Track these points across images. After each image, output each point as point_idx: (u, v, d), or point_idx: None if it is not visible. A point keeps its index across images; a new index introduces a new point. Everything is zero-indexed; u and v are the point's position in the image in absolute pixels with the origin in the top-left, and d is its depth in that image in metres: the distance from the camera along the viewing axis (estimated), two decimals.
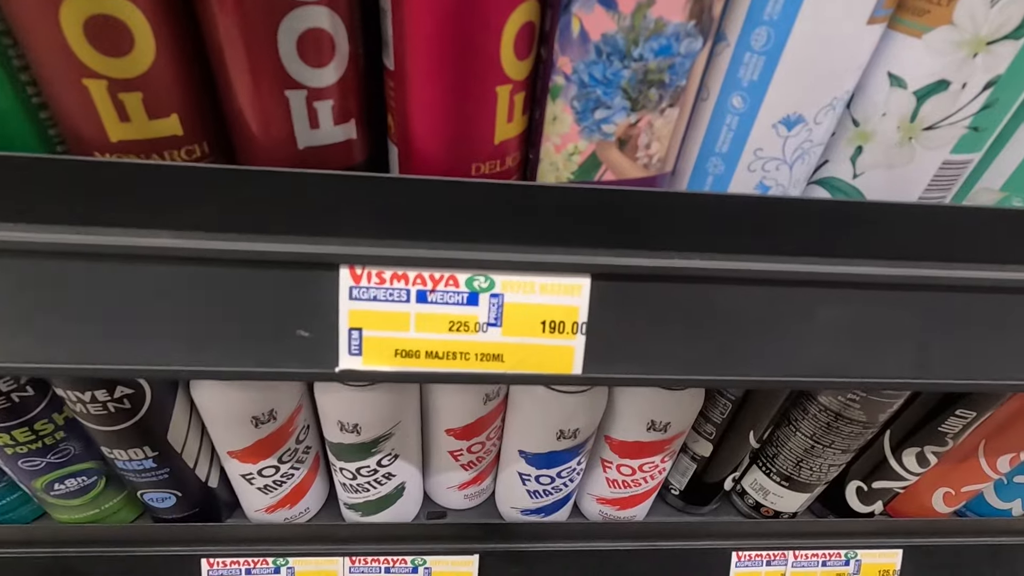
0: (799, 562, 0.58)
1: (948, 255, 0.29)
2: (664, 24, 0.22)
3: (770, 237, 0.28)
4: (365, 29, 0.25)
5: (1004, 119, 0.26)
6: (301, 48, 0.23)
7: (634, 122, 0.25)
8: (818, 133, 0.27)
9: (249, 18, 0.22)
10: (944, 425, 0.46)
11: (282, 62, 0.23)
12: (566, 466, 0.46)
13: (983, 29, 0.23)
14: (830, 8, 0.23)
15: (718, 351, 0.31)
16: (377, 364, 0.29)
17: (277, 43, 0.22)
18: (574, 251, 0.29)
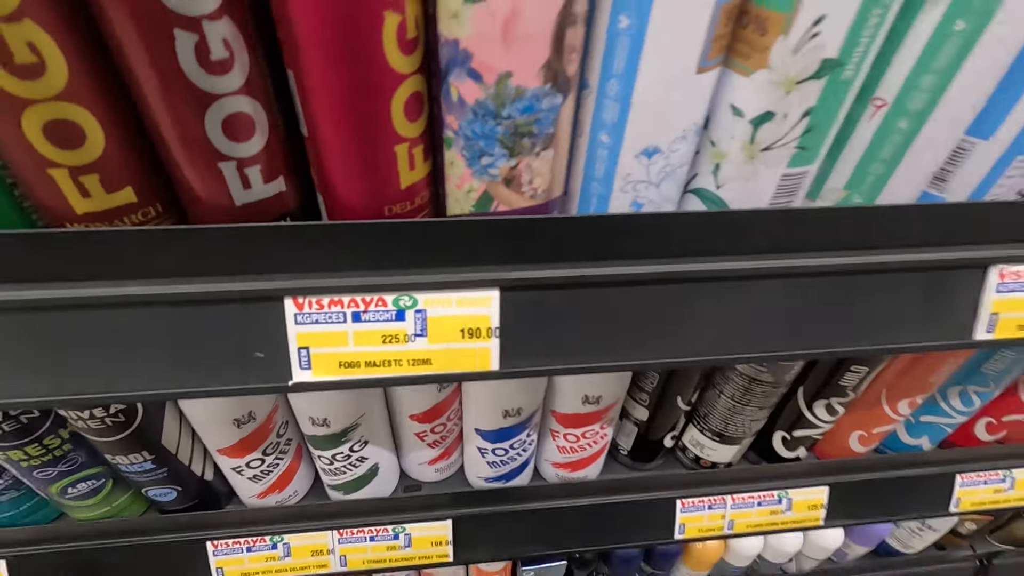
0: (737, 504, 0.65)
1: (798, 247, 0.35)
2: (523, 90, 0.27)
3: (641, 244, 0.33)
4: (282, 105, 0.30)
5: (827, 138, 0.32)
6: (226, 129, 0.27)
7: (514, 165, 0.30)
8: (675, 158, 0.32)
9: (180, 111, 0.26)
10: (843, 380, 0.52)
11: (212, 143, 0.27)
12: (516, 439, 0.53)
13: (791, 71, 0.28)
14: (662, 65, 0.28)
15: (613, 341, 0.36)
16: (325, 375, 0.35)
17: (205, 128, 0.27)
18: (482, 269, 0.34)
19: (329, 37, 0.24)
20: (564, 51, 0.27)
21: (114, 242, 0.29)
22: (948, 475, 0.67)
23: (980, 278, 0.39)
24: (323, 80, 0.26)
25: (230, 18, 0.25)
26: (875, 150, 0.33)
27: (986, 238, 0.38)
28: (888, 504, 0.70)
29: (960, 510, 0.70)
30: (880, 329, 0.39)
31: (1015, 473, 0.68)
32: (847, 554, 0.98)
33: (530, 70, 0.26)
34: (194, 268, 0.31)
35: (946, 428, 0.62)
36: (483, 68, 0.26)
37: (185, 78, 0.25)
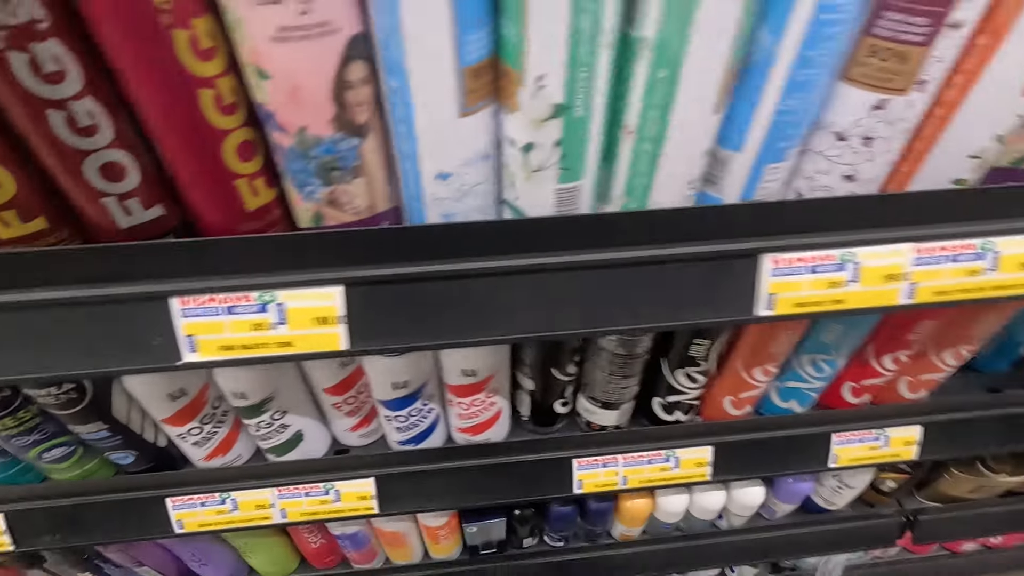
0: (628, 462, 0.74)
1: (582, 245, 0.43)
2: (320, 138, 0.35)
3: (450, 247, 0.41)
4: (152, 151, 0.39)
5: (584, 160, 0.39)
6: (103, 173, 0.36)
7: (331, 190, 0.38)
8: (469, 179, 0.40)
9: (64, 163, 0.35)
10: (691, 352, 0.60)
11: (92, 185, 0.36)
12: (412, 407, 0.62)
13: (533, 114, 0.36)
14: (428, 114, 0.36)
15: (438, 323, 0.45)
16: (210, 356, 0.44)
17: (84, 175, 0.36)
18: (329, 270, 0.43)
19: (162, 110, 0.33)
20: (348, 107, 0.35)
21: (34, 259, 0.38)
22: (824, 435, 0.75)
23: (755, 265, 0.46)
24: (165, 138, 0.34)
25: (93, 96, 0.33)
26: (634, 165, 0.41)
27: (761, 231, 0.45)
28: (770, 461, 0.78)
29: (839, 466, 0.78)
30: (673, 308, 0.47)
31: (888, 432, 0.76)
32: (775, 511, 1.06)
33: (320, 123, 0.35)
34: (99, 276, 0.40)
35: (810, 392, 0.70)
36: (285, 124, 0.35)
37: (61, 141, 0.34)
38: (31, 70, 0.31)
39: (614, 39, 0.34)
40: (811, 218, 0.45)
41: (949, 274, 0.47)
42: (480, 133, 0.38)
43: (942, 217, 0.46)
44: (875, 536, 1.11)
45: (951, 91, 0.40)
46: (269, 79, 0.32)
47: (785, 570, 1.38)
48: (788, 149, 0.41)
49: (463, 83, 0.34)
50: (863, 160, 0.42)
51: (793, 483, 0.99)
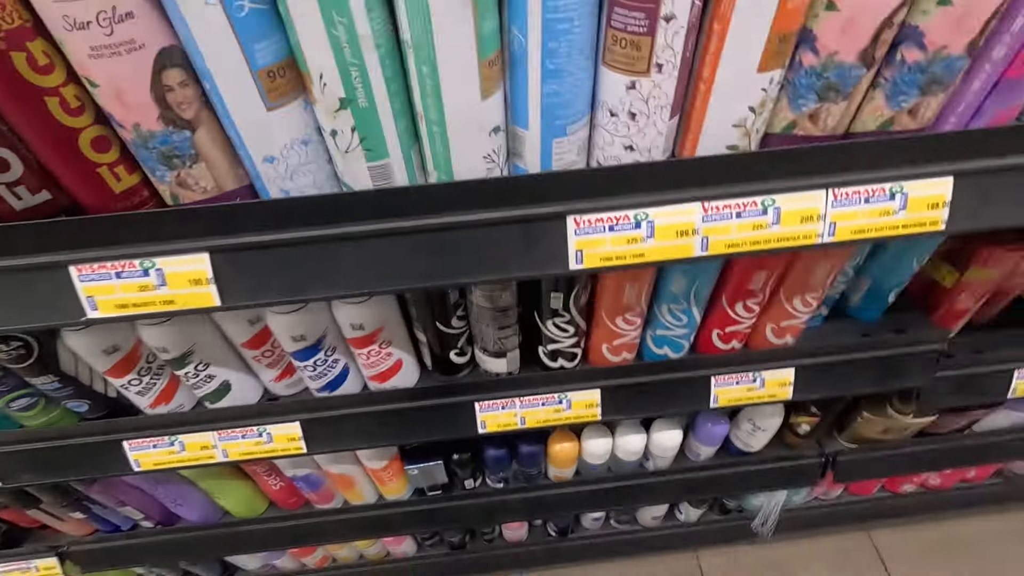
0: (524, 405, 0.83)
1: (396, 214, 0.50)
2: (153, 132, 0.44)
3: (290, 218, 0.50)
4: None
5: (384, 142, 0.47)
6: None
7: (176, 174, 0.47)
8: (293, 162, 0.48)
9: None
10: (552, 303, 0.68)
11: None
12: (317, 358, 0.72)
13: (327, 105, 0.44)
14: (238, 110, 0.43)
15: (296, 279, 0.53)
16: (109, 313, 0.53)
17: None
18: (196, 240, 0.51)
19: (20, 116, 0.42)
20: (172, 106, 0.43)
21: None
22: (704, 378, 0.83)
23: (562, 225, 0.53)
24: (30, 139, 0.43)
25: None
26: (432, 144, 0.48)
27: (564, 196, 0.52)
28: (655, 402, 0.86)
29: (720, 405, 0.85)
30: (497, 265, 0.55)
31: (764, 374, 0.83)
32: (699, 454, 1.15)
33: (150, 120, 0.43)
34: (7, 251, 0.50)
35: (678, 340, 0.77)
36: (122, 121, 0.43)
37: None
38: None
39: (381, 42, 0.41)
40: (606, 183, 0.52)
41: (737, 229, 0.53)
42: (292, 123, 0.46)
43: (724, 179, 0.52)
44: (797, 476, 1.19)
45: (705, 70, 0.46)
46: (98, 87, 0.41)
47: (731, 511, 1.47)
48: (567, 125, 0.48)
49: (260, 84, 0.42)
50: (635, 132, 0.48)
51: (711, 426, 1.07)
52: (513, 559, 1.52)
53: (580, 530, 1.50)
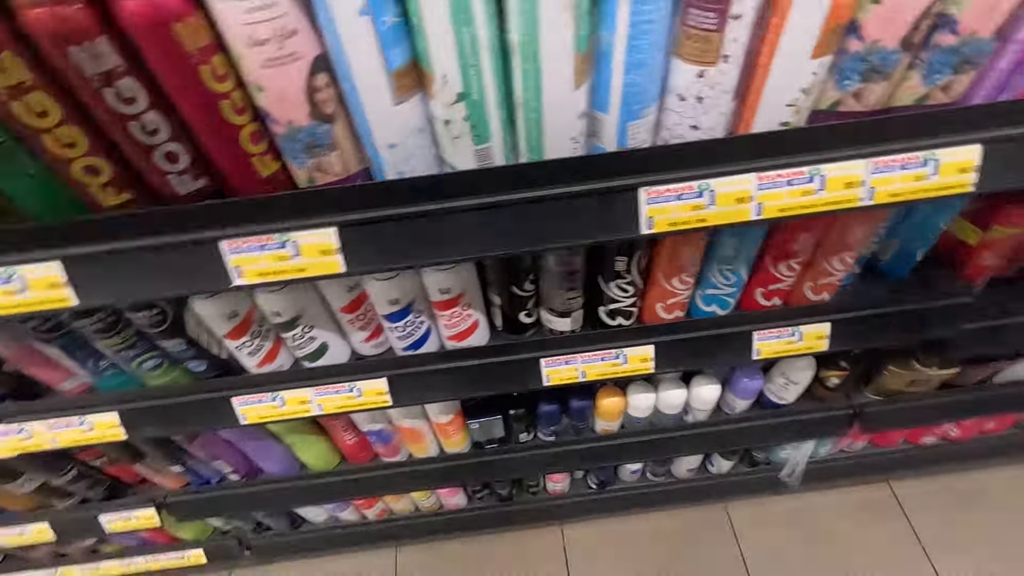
0: (586, 359, 0.92)
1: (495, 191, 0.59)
2: (302, 127, 0.52)
3: (407, 196, 0.59)
4: None
5: (489, 128, 0.55)
6: (167, 159, 0.55)
7: (315, 161, 0.56)
8: (411, 146, 0.57)
9: (141, 155, 0.54)
10: (616, 266, 0.77)
11: (160, 167, 0.55)
12: (407, 319, 0.81)
13: (445, 99, 0.52)
14: (371, 103, 0.52)
15: (408, 249, 0.63)
16: (251, 280, 0.63)
17: (154, 161, 0.54)
18: (327, 216, 0.60)
19: (198, 116, 0.51)
20: (318, 104, 0.52)
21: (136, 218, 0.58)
22: (747, 332, 0.91)
23: (635, 196, 0.61)
24: (202, 134, 0.53)
25: (155, 110, 0.51)
26: (527, 128, 0.56)
27: (638, 170, 0.61)
28: (703, 355, 0.95)
29: (761, 358, 0.94)
30: (579, 232, 0.63)
31: (802, 328, 0.91)
32: (734, 407, 1.24)
33: (301, 117, 0.52)
34: (172, 229, 0.60)
35: (726, 298, 0.86)
36: (278, 119, 0.52)
37: (138, 140, 0.52)
38: (116, 98, 0.49)
39: (493, 44, 0.49)
40: (674, 158, 0.60)
41: (787, 195, 0.61)
42: (413, 114, 0.55)
43: (776, 151, 0.60)
44: (826, 426, 1.28)
45: (763, 57, 0.54)
46: (264, 91, 0.50)
47: (760, 463, 1.57)
48: (641, 110, 0.56)
49: (392, 82, 0.51)
50: (700, 113, 0.56)
51: (747, 380, 1.16)
52: (556, 510, 1.64)
53: (618, 483, 1.61)
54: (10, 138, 0.52)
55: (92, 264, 0.61)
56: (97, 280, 0.63)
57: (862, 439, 1.52)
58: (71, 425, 0.91)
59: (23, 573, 1.48)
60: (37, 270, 0.61)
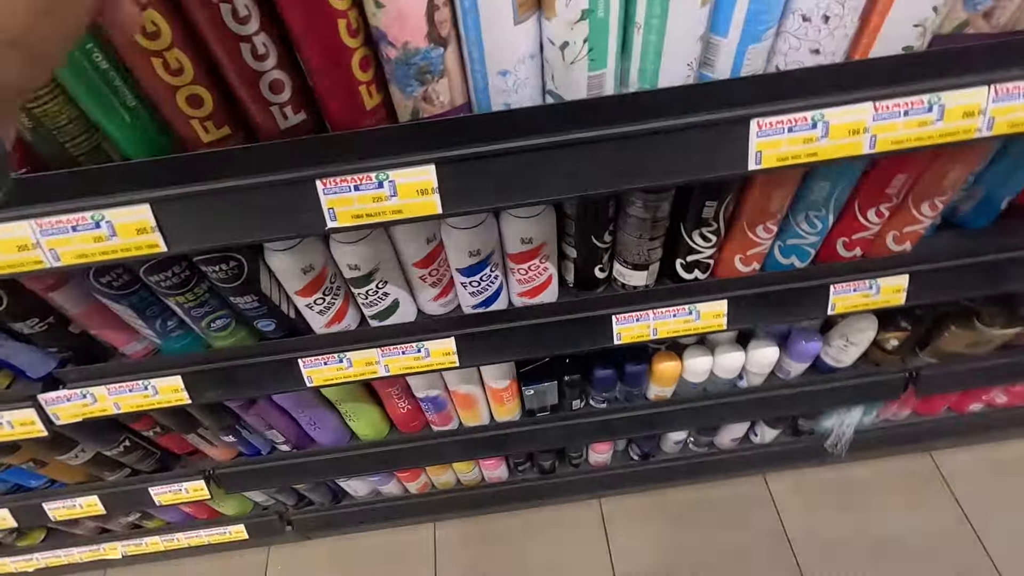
0: (657, 316, 0.90)
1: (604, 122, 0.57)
2: (418, 49, 0.50)
3: (509, 129, 0.56)
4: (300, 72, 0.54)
5: (607, 52, 0.53)
6: (272, 89, 0.52)
7: (425, 90, 0.54)
8: (521, 75, 0.54)
9: (247, 83, 0.51)
10: (703, 214, 0.75)
11: (265, 97, 0.53)
12: (483, 273, 0.79)
13: (567, 17, 0.50)
14: (491, 25, 0.50)
15: (507, 190, 0.60)
16: (345, 223, 0.61)
17: (260, 90, 0.52)
18: (425, 153, 0.58)
19: (313, 37, 0.48)
20: (436, 24, 0.49)
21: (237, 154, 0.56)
22: (824, 286, 0.89)
23: (745, 128, 0.59)
24: (313, 58, 0.50)
25: (265, 32, 0.49)
26: (644, 54, 0.54)
27: (749, 101, 0.58)
28: (778, 311, 0.93)
29: (837, 312, 0.92)
30: (684, 168, 0.61)
31: (880, 281, 0.89)
32: (789, 371, 1.23)
33: (419, 38, 0.49)
34: (263, 167, 0.57)
35: (807, 248, 0.84)
36: (394, 39, 0.49)
37: (247, 66, 0.50)
38: (231, 15, 0.47)
39: None
40: (788, 87, 0.58)
41: (903, 126, 0.59)
42: (528, 38, 0.52)
43: (896, 79, 0.57)
44: (881, 391, 1.26)
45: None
46: (383, 8, 0.47)
47: (804, 432, 1.55)
48: (764, 32, 0.54)
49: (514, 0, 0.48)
50: (824, 36, 0.54)
51: (804, 343, 1.14)
52: (597, 482, 1.63)
53: (660, 454, 1.60)
54: (114, 66, 0.50)
55: (182, 206, 0.59)
56: (187, 224, 0.61)
57: (907, 408, 1.51)
58: (135, 390, 0.89)
59: (69, 550, 1.47)
60: (126, 214, 0.59)
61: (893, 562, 1.52)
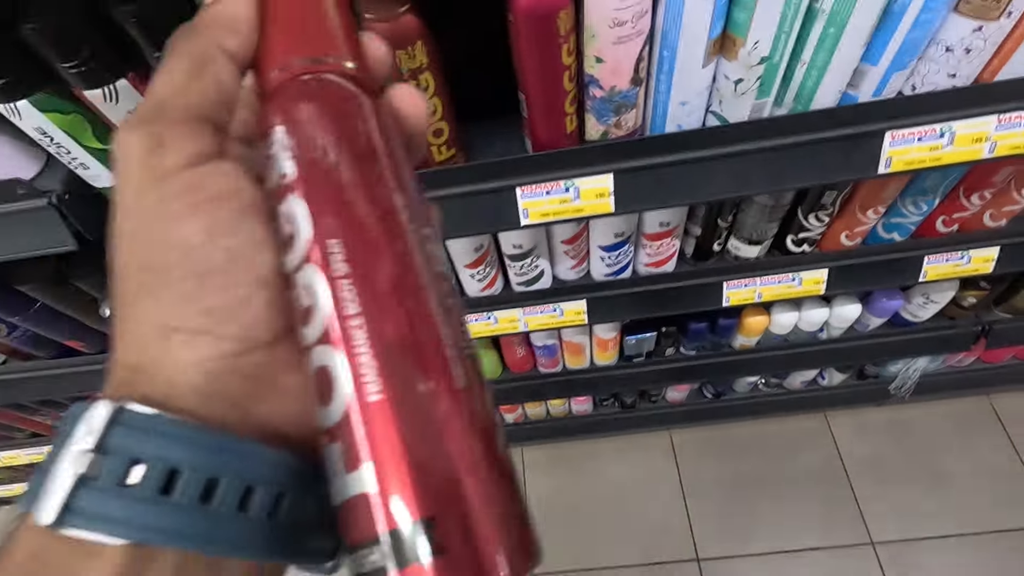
0: (763, 283, 1.03)
1: (762, 137, 0.68)
2: (621, 90, 0.62)
3: (678, 144, 0.68)
4: None
5: (774, 87, 0.63)
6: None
7: (618, 119, 0.66)
8: (696, 104, 0.66)
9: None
10: (823, 200, 0.86)
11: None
12: (621, 250, 0.93)
13: (749, 62, 0.60)
14: (683, 68, 0.61)
15: (670, 193, 0.73)
16: (535, 220, 0.75)
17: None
18: (604, 165, 0.71)
19: (545, 84, 0.61)
20: (639, 71, 0.61)
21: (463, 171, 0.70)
22: (918, 257, 1.00)
23: (880, 139, 0.70)
24: (535, 98, 0.63)
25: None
26: (803, 84, 0.64)
27: (886, 116, 0.68)
28: (871, 279, 1.04)
29: (928, 280, 1.03)
30: (825, 172, 0.72)
31: (971, 252, 0.99)
32: (868, 325, 1.34)
33: (624, 83, 0.61)
34: (481, 179, 0.72)
35: (909, 226, 0.94)
36: (604, 85, 0.61)
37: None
38: None
39: (807, 14, 0.57)
40: (921, 105, 0.67)
41: (1022, 135, 0.68)
42: (709, 76, 0.63)
43: (1019, 96, 0.66)
44: (953, 343, 1.37)
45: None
46: (603, 63, 0.59)
47: (869, 377, 1.68)
48: (910, 62, 0.63)
49: (707, 49, 0.59)
50: (963, 64, 0.63)
51: (886, 301, 1.25)
52: (670, 417, 1.82)
53: (732, 393, 1.76)
54: None
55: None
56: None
57: (973, 355, 1.61)
58: None
59: None
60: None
61: (944, 493, 1.68)
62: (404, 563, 0.18)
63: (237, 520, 0.20)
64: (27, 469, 1.75)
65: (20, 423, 1.38)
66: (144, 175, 0.20)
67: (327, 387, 0.20)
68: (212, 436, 0.20)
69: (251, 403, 0.22)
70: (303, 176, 0.21)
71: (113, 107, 0.59)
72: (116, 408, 0.20)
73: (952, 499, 1.66)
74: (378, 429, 0.19)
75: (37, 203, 0.68)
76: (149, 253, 0.21)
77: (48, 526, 0.18)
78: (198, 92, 0.22)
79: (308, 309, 0.20)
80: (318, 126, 0.21)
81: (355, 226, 0.20)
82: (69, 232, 0.71)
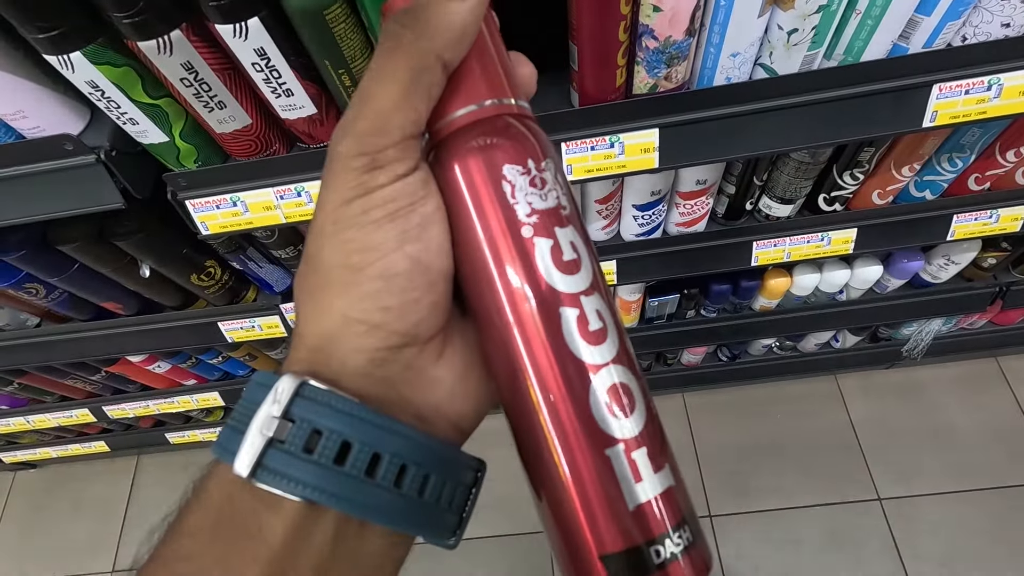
0: (792, 242, 1.04)
1: (814, 89, 0.68)
2: (676, 40, 0.62)
3: (727, 98, 0.68)
4: None
5: (827, 36, 0.63)
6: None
7: (669, 71, 0.66)
8: (748, 55, 0.65)
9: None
10: (859, 157, 0.86)
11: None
12: (656, 209, 0.94)
13: (805, 11, 0.60)
14: (740, 18, 0.60)
15: (713, 147, 0.73)
16: (579, 177, 0.76)
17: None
18: (651, 119, 0.71)
19: (595, 35, 0.60)
20: (694, 20, 0.60)
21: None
22: (947, 215, 1.01)
23: (927, 92, 0.70)
24: (587, 49, 0.62)
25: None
26: (856, 35, 0.64)
27: (934, 68, 0.68)
28: (900, 237, 1.05)
29: (955, 238, 1.04)
30: (870, 125, 0.73)
31: (1000, 211, 1.00)
32: (887, 286, 1.36)
33: (679, 33, 0.61)
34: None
35: (942, 184, 0.94)
36: (659, 35, 0.61)
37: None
38: None
39: None
40: (971, 56, 0.67)
41: None
42: (760, 27, 0.63)
43: None
44: (970, 303, 1.39)
45: None
46: (660, 11, 0.59)
47: (882, 339, 1.71)
48: (964, 11, 0.63)
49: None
50: (1018, 11, 0.62)
51: (907, 262, 1.26)
52: (684, 379, 1.85)
53: (746, 356, 1.78)
54: None
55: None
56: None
57: (986, 317, 1.63)
58: None
59: None
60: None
61: (950, 447, 1.73)
62: (686, 551, 0.24)
63: (392, 494, 0.23)
64: (54, 432, 1.78)
65: (49, 386, 1.40)
66: (356, 190, 0.23)
67: (631, 401, 0.24)
68: (379, 417, 0.23)
69: (406, 390, 0.25)
70: (575, 212, 0.26)
71: (167, 59, 0.58)
72: (300, 382, 0.22)
73: (957, 456, 1.71)
74: (663, 441, 0.25)
75: (86, 159, 0.68)
76: (348, 253, 0.23)
77: (243, 478, 0.21)
78: (414, 108, 0.23)
79: (602, 330, 0.24)
80: (559, 170, 0.27)
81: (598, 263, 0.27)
82: (117, 189, 0.71)
